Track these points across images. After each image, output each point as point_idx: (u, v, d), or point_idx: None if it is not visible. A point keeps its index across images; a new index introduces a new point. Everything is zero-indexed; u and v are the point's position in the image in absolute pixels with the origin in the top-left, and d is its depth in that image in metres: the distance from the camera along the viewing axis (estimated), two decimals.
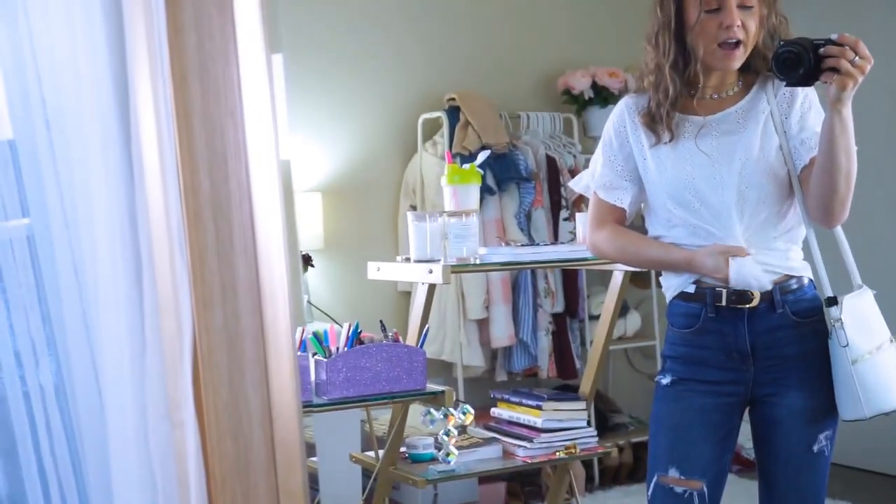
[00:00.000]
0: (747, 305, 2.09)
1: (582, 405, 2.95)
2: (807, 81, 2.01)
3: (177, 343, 1.25)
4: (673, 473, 2.13)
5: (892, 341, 2.12)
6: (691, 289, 2.15)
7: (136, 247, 1.28)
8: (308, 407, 2.48)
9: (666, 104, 2.13)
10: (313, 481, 3.41)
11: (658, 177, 2.16)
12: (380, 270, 2.87)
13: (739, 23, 2.05)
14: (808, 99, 2.13)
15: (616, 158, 2.23)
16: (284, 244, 1.29)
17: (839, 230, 2.17)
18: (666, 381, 2.19)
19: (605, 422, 4.69)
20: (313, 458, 3.44)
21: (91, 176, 1.28)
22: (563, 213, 4.48)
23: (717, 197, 2.09)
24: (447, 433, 2.78)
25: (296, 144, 4.39)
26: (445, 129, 4.40)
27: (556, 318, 4.55)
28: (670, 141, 2.14)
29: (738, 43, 2.07)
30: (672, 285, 2.21)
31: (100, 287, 1.32)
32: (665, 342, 2.25)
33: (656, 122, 2.15)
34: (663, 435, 2.18)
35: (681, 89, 2.12)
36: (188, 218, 1.26)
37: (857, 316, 2.10)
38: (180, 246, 1.25)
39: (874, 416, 2.08)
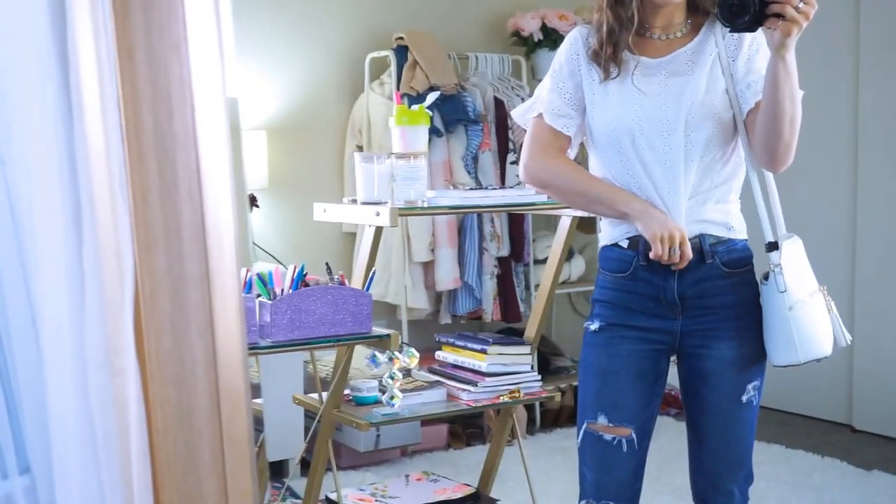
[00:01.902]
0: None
1: (527, 349, 2.96)
2: (751, 27, 1.99)
3: (118, 288, 1.21)
4: (602, 420, 2.14)
5: (820, 290, 2.15)
6: (625, 243, 2.15)
7: (76, 187, 1.23)
8: (253, 349, 2.45)
9: (607, 43, 2.10)
10: (258, 422, 3.39)
11: (604, 113, 2.13)
12: (326, 212, 2.82)
13: None
14: (755, 42, 2.12)
15: (565, 86, 2.18)
16: (231, 185, 1.25)
17: (770, 178, 2.18)
18: (594, 326, 2.19)
19: (547, 365, 4.72)
20: (258, 400, 3.42)
21: (26, 111, 1.22)
22: (511, 157, 4.46)
23: (663, 139, 2.08)
24: (391, 376, 2.77)
25: (241, 81, 4.30)
26: (393, 69, 4.34)
27: (502, 261, 4.55)
28: (617, 77, 2.12)
29: None
30: (608, 234, 2.20)
31: (37, 228, 1.26)
32: (596, 286, 2.24)
33: (601, 59, 2.12)
34: (592, 382, 2.18)
35: (627, 28, 2.10)
36: (130, 158, 1.21)
37: (792, 262, 2.12)
38: (122, 187, 1.20)
39: (807, 361, 2.11)
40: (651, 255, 2.05)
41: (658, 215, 2.07)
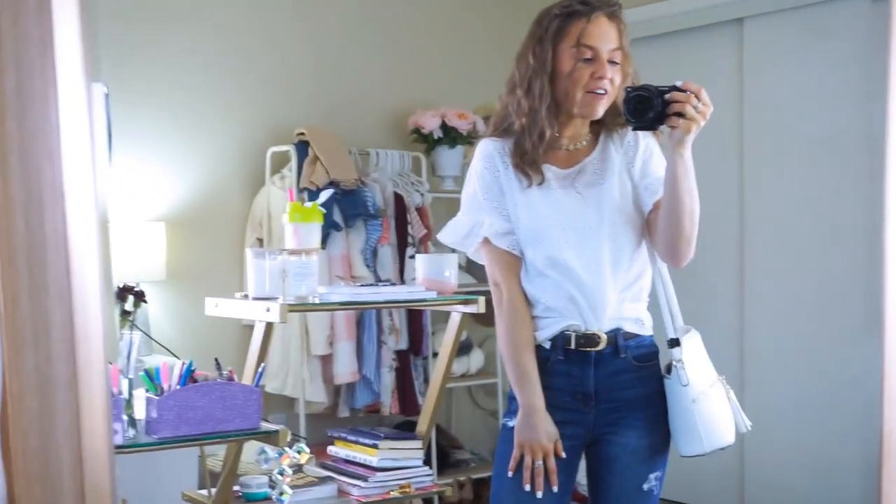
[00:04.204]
0: (594, 349, 2.15)
1: (418, 444, 2.98)
2: (653, 125, 2.07)
3: None
4: None
5: (719, 379, 2.23)
6: (548, 344, 2.19)
7: None
8: (128, 448, 2.42)
9: (541, 147, 2.16)
10: None
11: (530, 221, 2.18)
12: (218, 307, 2.84)
13: (610, 75, 2.13)
14: (648, 147, 2.23)
15: (501, 203, 2.21)
16: (101, 288, 1.28)
17: (667, 274, 2.27)
18: (512, 423, 2.21)
19: (446, 458, 4.73)
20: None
21: None
22: (410, 251, 4.53)
23: (589, 245, 2.15)
24: (281, 472, 2.77)
25: (140, 172, 4.31)
26: (294, 163, 4.40)
27: (400, 354, 4.58)
28: (541, 184, 2.18)
29: (604, 93, 2.14)
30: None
31: None
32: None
33: (527, 164, 2.17)
34: (508, 478, 2.19)
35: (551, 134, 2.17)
36: (1, 260, 1.24)
37: (692, 356, 2.20)
38: None
39: (712, 451, 2.18)
40: (511, 464, 2.15)
41: (537, 426, 2.13)
